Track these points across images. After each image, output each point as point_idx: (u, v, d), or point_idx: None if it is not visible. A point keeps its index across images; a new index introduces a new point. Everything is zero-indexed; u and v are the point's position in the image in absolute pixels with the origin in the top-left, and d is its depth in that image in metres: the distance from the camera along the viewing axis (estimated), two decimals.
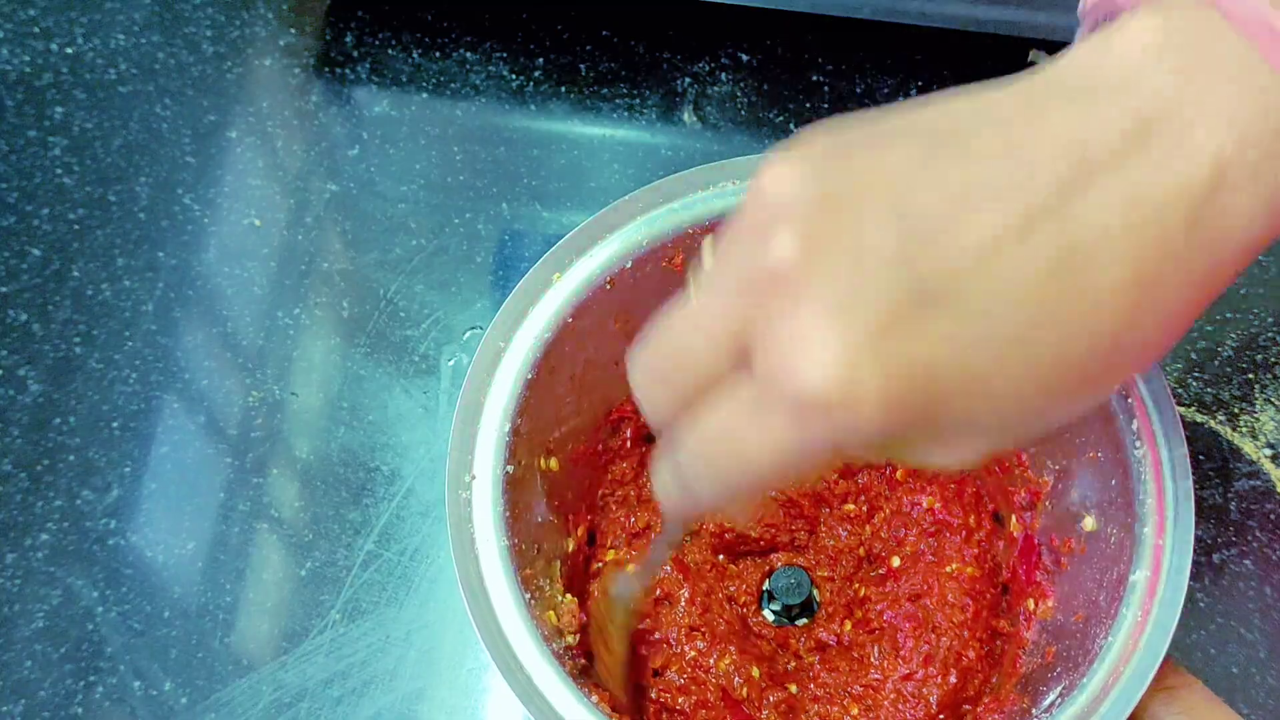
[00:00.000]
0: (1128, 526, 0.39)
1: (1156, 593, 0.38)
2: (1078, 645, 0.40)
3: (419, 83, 0.65)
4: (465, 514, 0.40)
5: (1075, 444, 0.43)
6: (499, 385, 0.42)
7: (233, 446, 0.56)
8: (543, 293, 0.43)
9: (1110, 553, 0.40)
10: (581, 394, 0.46)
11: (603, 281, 0.43)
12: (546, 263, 0.43)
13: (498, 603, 0.39)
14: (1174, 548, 0.38)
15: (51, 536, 0.54)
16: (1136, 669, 0.37)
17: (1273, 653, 0.51)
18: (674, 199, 0.44)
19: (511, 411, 0.42)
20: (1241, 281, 0.60)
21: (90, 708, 0.51)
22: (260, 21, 0.67)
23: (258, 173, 0.63)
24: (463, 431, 0.41)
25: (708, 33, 0.66)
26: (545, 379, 0.43)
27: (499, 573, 0.39)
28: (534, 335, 0.42)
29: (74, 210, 0.61)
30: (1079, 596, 0.42)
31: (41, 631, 0.52)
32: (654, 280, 0.44)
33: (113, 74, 0.65)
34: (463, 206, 0.62)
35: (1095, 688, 0.37)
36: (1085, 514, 0.42)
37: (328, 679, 0.51)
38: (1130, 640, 0.37)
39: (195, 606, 0.52)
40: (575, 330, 0.43)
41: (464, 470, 0.41)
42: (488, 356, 0.42)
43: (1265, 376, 0.58)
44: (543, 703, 0.37)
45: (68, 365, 0.57)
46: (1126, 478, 0.40)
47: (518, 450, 0.42)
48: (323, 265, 0.60)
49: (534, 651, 0.38)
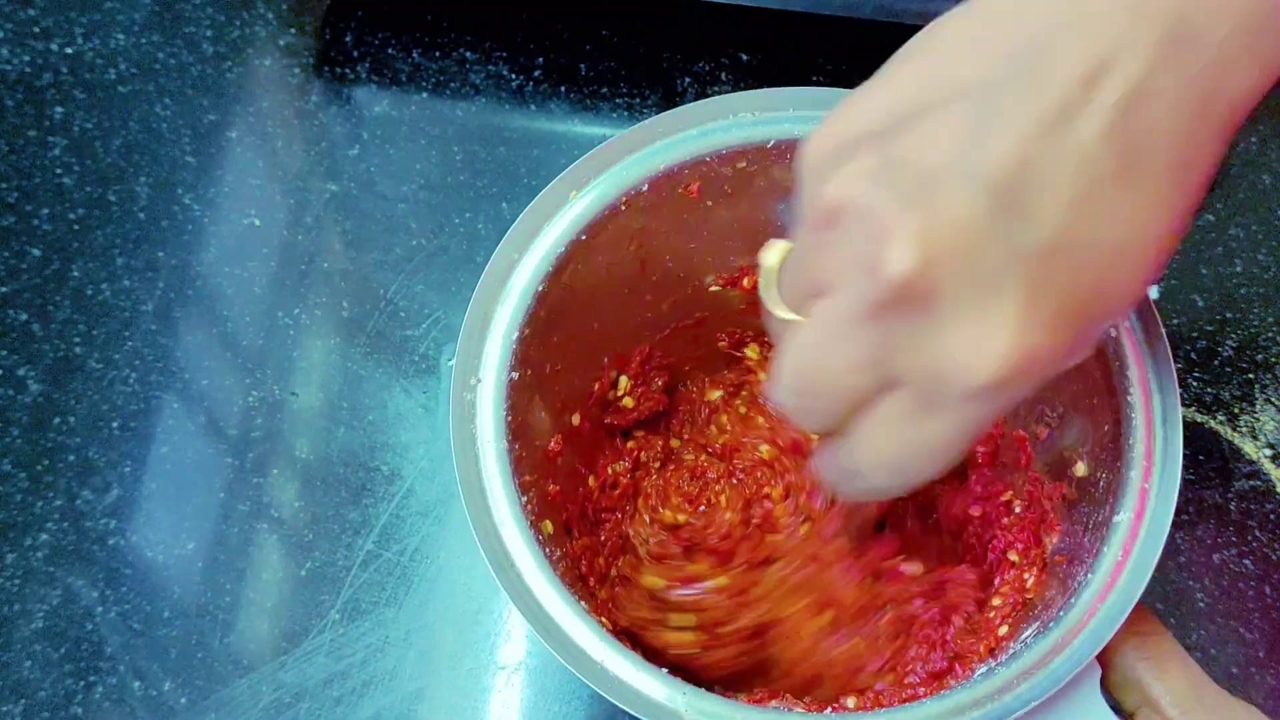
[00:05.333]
0: (1117, 470, 0.40)
1: (1139, 534, 0.38)
2: (1059, 583, 0.41)
3: (419, 83, 0.65)
4: (469, 415, 0.41)
5: (1072, 391, 0.43)
6: (510, 294, 0.42)
7: (233, 446, 0.56)
8: (559, 209, 0.43)
9: (1098, 496, 0.41)
10: (593, 318, 0.46)
11: (618, 203, 0.44)
12: (564, 180, 0.44)
13: (494, 502, 0.39)
14: (1159, 492, 0.39)
15: (51, 536, 0.54)
16: (1112, 606, 0.37)
17: (1273, 653, 0.51)
18: (693, 126, 0.44)
19: (521, 320, 0.42)
20: (1241, 281, 0.60)
21: (90, 708, 0.51)
22: (260, 21, 0.67)
23: (258, 173, 0.63)
24: (471, 337, 0.42)
25: (708, 33, 0.66)
26: (557, 293, 0.43)
27: (497, 474, 0.40)
28: (547, 248, 0.43)
29: (74, 210, 0.61)
30: (1066, 539, 0.43)
31: (41, 631, 0.52)
32: (669, 206, 0.45)
33: (113, 74, 0.65)
34: (463, 206, 0.62)
35: (1071, 622, 0.38)
36: (1078, 460, 0.43)
37: (327, 679, 0.51)
38: (1109, 578, 0.38)
39: (195, 606, 0.52)
40: (589, 248, 0.44)
41: (470, 373, 0.41)
42: (501, 266, 0.43)
43: (1265, 376, 0.58)
44: (532, 601, 0.38)
45: (67, 365, 0.57)
46: (1118, 423, 0.40)
47: (525, 358, 0.42)
48: (323, 265, 0.60)
49: (527, 553, 0.39)
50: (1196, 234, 0.61)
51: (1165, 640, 0.38)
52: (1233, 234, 0.61)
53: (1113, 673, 0.38)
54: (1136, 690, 0.38)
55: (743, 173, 0.45)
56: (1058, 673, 0.37)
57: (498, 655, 0.52)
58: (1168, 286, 0.60)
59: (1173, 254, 0.31)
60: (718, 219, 0.46)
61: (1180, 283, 0.60)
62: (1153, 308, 0.41)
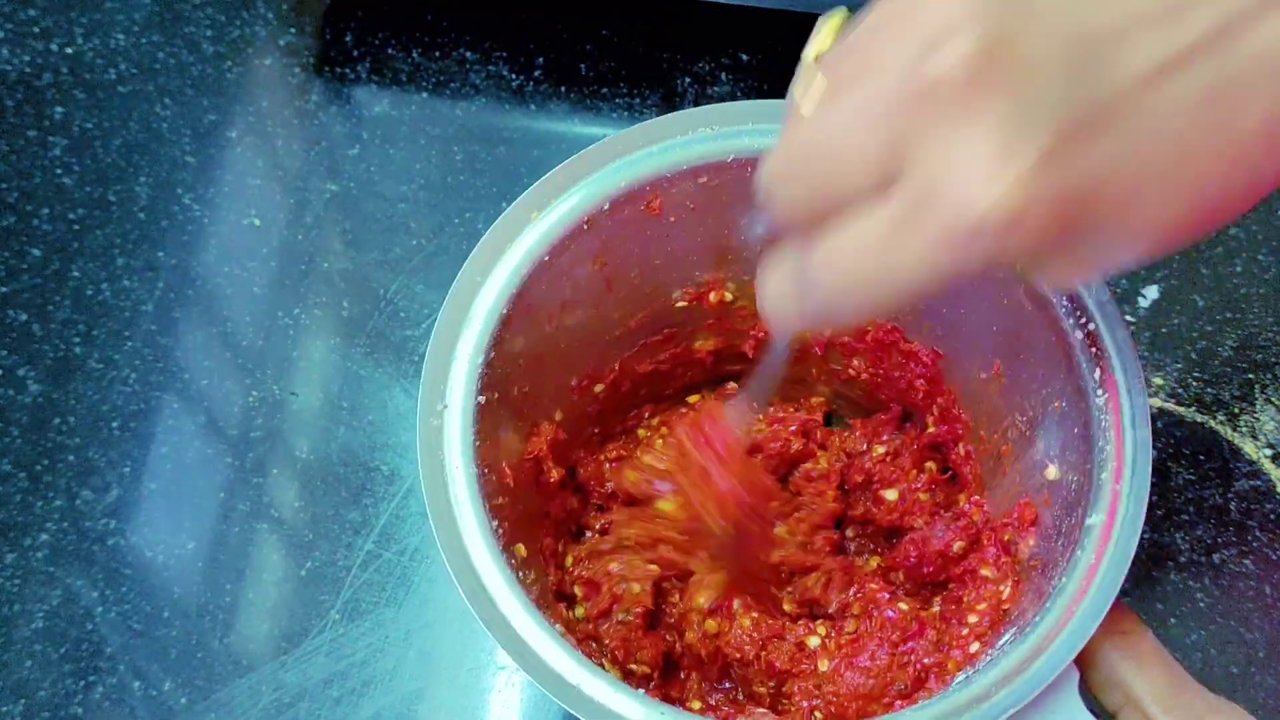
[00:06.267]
0: (1087, 473, 0.40)
1: (1111, 536, 0.38)
2: (1034, 589, 0.41)
3: (419, 83, 0.65)
4: (436, 441, 0.40)
5: (1041, 394, 0.44)
6: (474, 317, 0.42)
7: (233, 446, 0.56)
8: (520, 230, 0.43)
9: (1070, 499, 0.41)
10: (561, 338, 0.46)
11: (580, 222, 0.44)
12: (525, 202, 0.44)
13: (465, 529, 0.39)
14: (1131, 494, 0.39)
15: (51, 536, 0.54)
16: (1089, 609, 0.37)
17: (1273, 653, 0.51)
18: (652, 143, 0.44)
19: (485, 344, 0.42)
20: (1241, 281, 0.60)
21: (90, 708, 0.51)
22: (260, 21, 0.67)
23: (258, 172, 0.63)
24: (436, 361, 0.42)
25: (708, 33, 0.66)
26: (521, 315, 0.43)
27: (467, 499, 0.40)
28: (510, 270, 0.43)
29: (74, 210, 0.61)
30: (1040, 545, 0.43)
31: (41, 631, 0.52)
32: (632, 223, 0.45)
33: (113, 74, 0.65)
34: (463, 206, 0.62)
35: (1048, 626, 0.37)
36: (1049, 463, 0.43)
37: (327, 679, 0.51)
38: (1084, 581, 0.38)
39: (195, 606, 0.52)
40: (552, 268, 0.44)
41: (437, 399, 0.41)
42: (464, 289, 0.43)
43: (1265, 376, 0.58)
44: (507, 629, 0.38)
45: (67, 365, 0.57)
46: (1088, 426, 0.40)
47: (490, 382, 0.42)
48: (323, 265, 0.60)
49: (500, 580, 0.38)
50: None
51: (1145, 639, 0.38)
52: (1233, 234, 0.61)
53: (1094, 672, 0.38)
54: (1118, 690, 0.38)
55: (704, 187, 0.45)
56: (1036, 677, 0.36)
57: (498, 655, 0.52)
58: (1168, 286, 0.60)
59: (1183, 244, 0.30)
60: (681, 235, 0.46)
61: (1180, 283, 0.60)
62: (1114, 306, 0.41)
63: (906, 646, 0.45)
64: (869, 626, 0.47)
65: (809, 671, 0.46)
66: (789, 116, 0.31)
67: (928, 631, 0.45)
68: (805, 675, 0.46)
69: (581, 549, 0.48)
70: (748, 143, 0.44)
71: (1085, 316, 0.41)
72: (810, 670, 0.46)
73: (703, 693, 0.48)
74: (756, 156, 0.44)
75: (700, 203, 0.45)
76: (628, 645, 0.46)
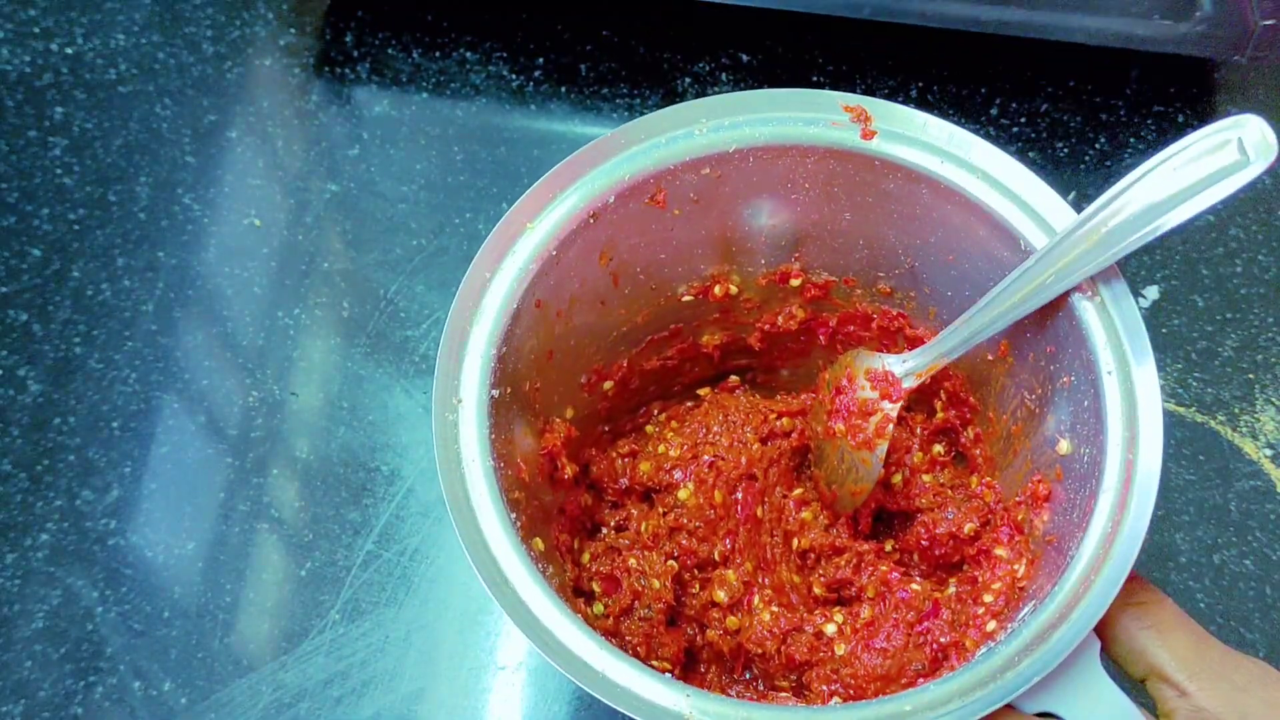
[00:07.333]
0: (1099, 444, 0.40)
1: (1126, 505, 0.38)
2: (1049, 564, 0.41)
3: (419, 83, 0.65)
4: (452, 435, 0.41)
5: (1049, 370, 0.44)
6: (485, 312, 0.43)
7: (233, 446, 0.56)
8: (527, 226, 0.44)
9: (1083, 472, 0.41)
10: (570, 332, 0.47)
11: (586, 215, 0.44)
12: (531, 198, 0.44)
13: (484, 522, 0.39)
14: (1144, 463, 0.39)
15: (51, 536, 0.54)
16: (1106, 578, 0.37)
17: (1273, 653, 0.51)
18: (655, 135, 0.45)
19: (497, 339, 0.42)
20: (1241, 282, 0.60)
21: (90, 708, 0.51)
22: (260, 21, 0.67)
23: (258, 173, 0.63)
24: (449, 356, 0.42)
25: (708, 33, 0.66)
26: (531, 311, 0.44)
27: (484, 492, 0.40)
28: (519, 266, 0.43)
29: (74, 210, 0.61)
30: (1055, 520, 0.43)
31: (41, 631, 0.52)
32: (637, 217, 0.45)
33: (113, 74, 0.65)
34: (463, 206, 0.62)
35: (1066, 595, 0.38)
36: (1060, 438, 0.43)
37: (328, 679, 0.51)
38: (1101, 551, 0.38)
39: (195, 606, 0.52)
40: (560, 264, 0.44)
41: (451, 393, 0.41)
42: (473, 286, 0.43)
43: (1265, 376, 0.58)
44: (530, 617, 0.38)
45: (68, 365, 0.57)
46: (1098, 398, 0.41)
47: (503, 377, 0.42)
48: (323, 265, 0.60)
49: (522, 570, 0.39)
50: (1196, 234, 0.61)
51: (1165, 607, 0.38)
52: (1233, 234, 0.61)
53: (1115, 645, 0.38)
54: (1140, 660, 0.38)
55: (707, 179, 0.45)
56: (1059, 645, 0.37)
57: (498, 655, 0.52)
58: (1168, 287, 0.60)
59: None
60: (685, 228, 0.47)
61: (1180, 283, 0.60)
62: (1120, 276, 0.41)
63: (922, 627, 0.45)
64: (883, 609, 0.47)
65: (827, 658, 0.46)
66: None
67: (943, 611, 0.45)
68: (823, 662, 0.46)
69: (598, 545, 0.49)
70: (749, 133, 0.44)
71: (1092, 291, 0.41)
72: (828, 656, 0.46)
73: (723, 685, 0.48)
74: (757, 147, 0.44)
75: (703, 195, 0.45)
76: (650, 641, 0.46)
